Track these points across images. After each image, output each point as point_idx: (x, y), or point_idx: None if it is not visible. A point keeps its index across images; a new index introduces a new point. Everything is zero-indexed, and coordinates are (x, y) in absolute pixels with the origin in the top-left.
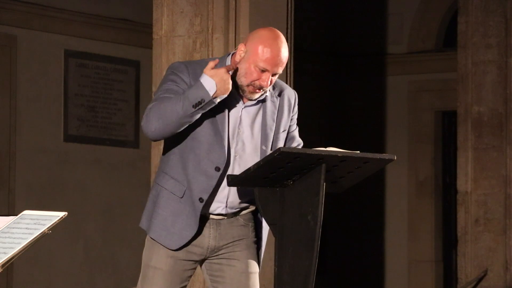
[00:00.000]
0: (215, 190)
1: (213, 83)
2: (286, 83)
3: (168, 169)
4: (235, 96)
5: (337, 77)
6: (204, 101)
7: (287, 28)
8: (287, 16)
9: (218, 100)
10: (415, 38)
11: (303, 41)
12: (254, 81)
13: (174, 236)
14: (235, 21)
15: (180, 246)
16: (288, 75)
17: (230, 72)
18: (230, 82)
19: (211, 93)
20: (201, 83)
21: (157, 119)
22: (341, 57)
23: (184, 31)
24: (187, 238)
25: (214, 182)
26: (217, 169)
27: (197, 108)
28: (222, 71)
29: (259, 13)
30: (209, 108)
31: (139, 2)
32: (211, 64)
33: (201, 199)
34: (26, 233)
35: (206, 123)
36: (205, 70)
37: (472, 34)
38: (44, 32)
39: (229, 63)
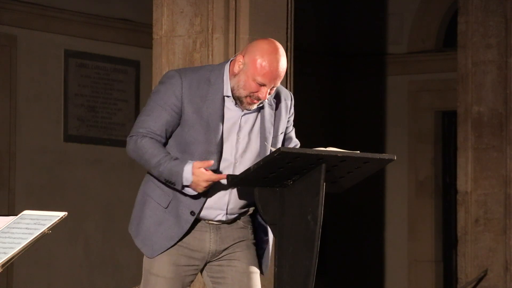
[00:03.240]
0: (216, 197)
1: (190, 179)
2: (286, 83)
3: (155, 178)
4: (233, 104)
5: (337, 77)
6: (174, 184)
7: (287, 28)
8: (287, 16)
9: (186, 192)
10: (415, 38)
11: (303, 41)
12: (252, 92)
13: (155, 245)
14: (235, 21)
15: (156, 254)
16: (288, 75)
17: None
18: (203, 190)
19: (184, 183)
20: (182, 170)
21: (136, 158)
22: (341, 57)
23: (184, 31)
24: (164, 248)
25: (204, 196)
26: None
27: (167, 183)
28: (205, 178)
29: (259, 13)
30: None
31: (139, 2)
32: (202, 164)
33: (192, 213)
34: (26, 233)
35: (200, 135)
36: (195, 163)
37: (472, 34)
38: (44, 32)
39: (227, 72)
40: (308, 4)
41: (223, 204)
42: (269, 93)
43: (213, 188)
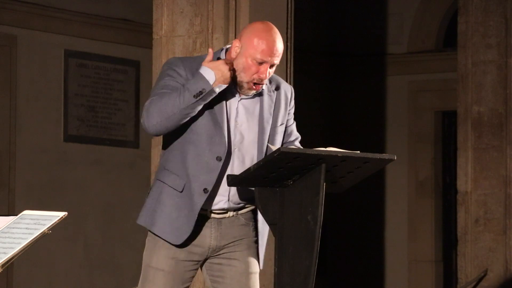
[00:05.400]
0: (217, 182)
1: (212, 73)
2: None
3: (169, 164)
4: (231, 89)
5: (337, 77)
6: (205, 90)
7: (287, 28)
8: (287, 16)
9: (218, 90)
10: (415, 38)
11: (303, 41)
12: (253, 75)
13: (178, 230)
14: (235, 21)
15: (182, 241)
16: (288, 75)
17: (228, 65)
18: (229, 72)
19: (211, 82)
20: (201, 74)
21: (158, 114)
22: (341, 57)
23: (184, 31)
24: (187, 233)
25: (216, 173)
26: (219, 159)
27: (198, 98)
28: (220, 62)
29: (259, 13)
30: (210, 98)
31: (139, 2)
32: (209, 57)
33: (205, 190)
34: (26, 233)
35: (205, 115)
36: (203, 62)
37: (472, 34)
38: (44, 32)
39: (223, 58)
40: (308, 4)
41: (225, 190)
42: (269, 74)
43: (214, 174)
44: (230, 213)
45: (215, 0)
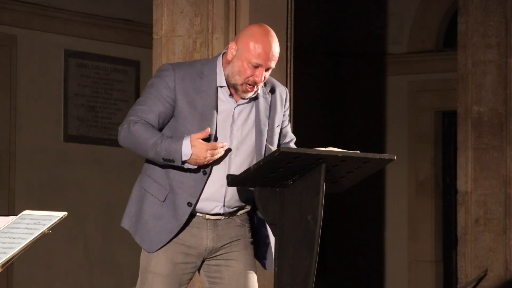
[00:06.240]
0: (213, 189)
1: (190, 152)
2: (286, 83)
3: (152, 172)
4: (227, 95)
5: (337, 77)
6: (174, 162)
7: (287, 28)
8: (287, 16)
9: (186, 167)
10: (415, 38)
11: (303, 41)
12: (248, 77)
13: (153, 239)
14: (235, 21)
15: (156, 249)
16: (288, 75)
17: (215, 152)
18: (204, 161)
19: (184, 158)
20: (180, 146)
21: (129, 145)
22: (341, 57)
23: (184, 31)
24: (164, 241)
25: (201, 186)
26: (204, 172)
27: (166, 162)
28: (204, 147)
29: (259, 13)
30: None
31: (139, 2)
32: (201, 135)
33: (189, 203)
34: (26, 233)
35: (194, 126)
36: (192, 135)
37: (472, 34)
38: (44, 32)
39: (220, 63)
40: (308, 4)
41: (220, 196)
42: (264, 77)
43: (210, 180)
44: (225, 216)
45: (215, 0)
